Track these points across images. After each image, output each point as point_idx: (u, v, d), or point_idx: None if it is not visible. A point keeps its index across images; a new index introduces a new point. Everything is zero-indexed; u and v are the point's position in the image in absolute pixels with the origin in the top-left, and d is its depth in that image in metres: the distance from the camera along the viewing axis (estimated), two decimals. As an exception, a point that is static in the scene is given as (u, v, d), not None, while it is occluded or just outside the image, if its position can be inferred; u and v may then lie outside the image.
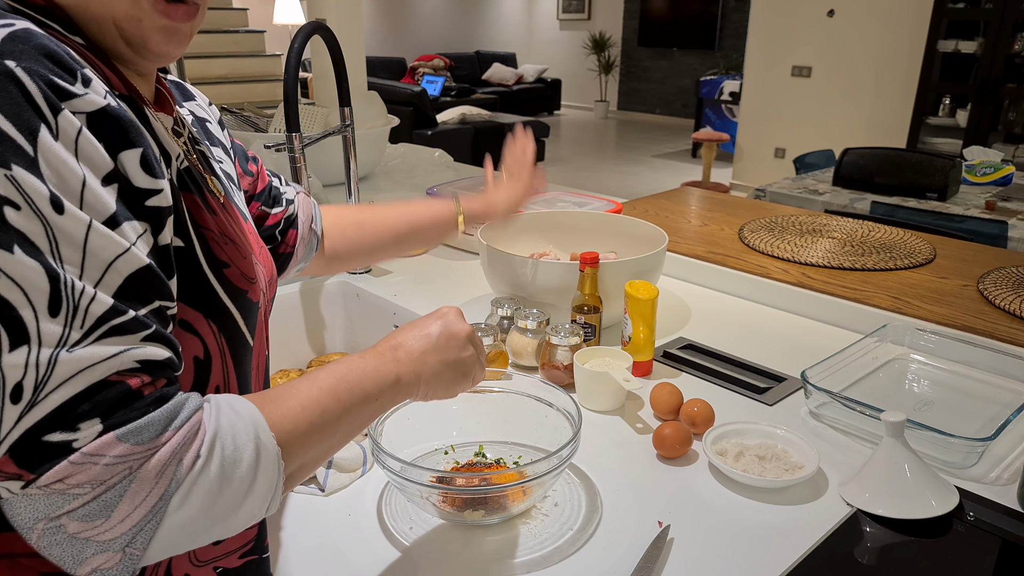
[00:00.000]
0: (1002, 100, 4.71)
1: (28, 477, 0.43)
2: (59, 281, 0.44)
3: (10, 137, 0.43)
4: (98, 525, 0.45)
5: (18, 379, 0.43)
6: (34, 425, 0.43)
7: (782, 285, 1.39)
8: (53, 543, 0.45)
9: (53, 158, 0.45)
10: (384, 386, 0.64)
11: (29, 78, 0.44)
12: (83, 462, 0.44)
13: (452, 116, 6.76)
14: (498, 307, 1.17)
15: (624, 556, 0.75)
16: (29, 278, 0.43)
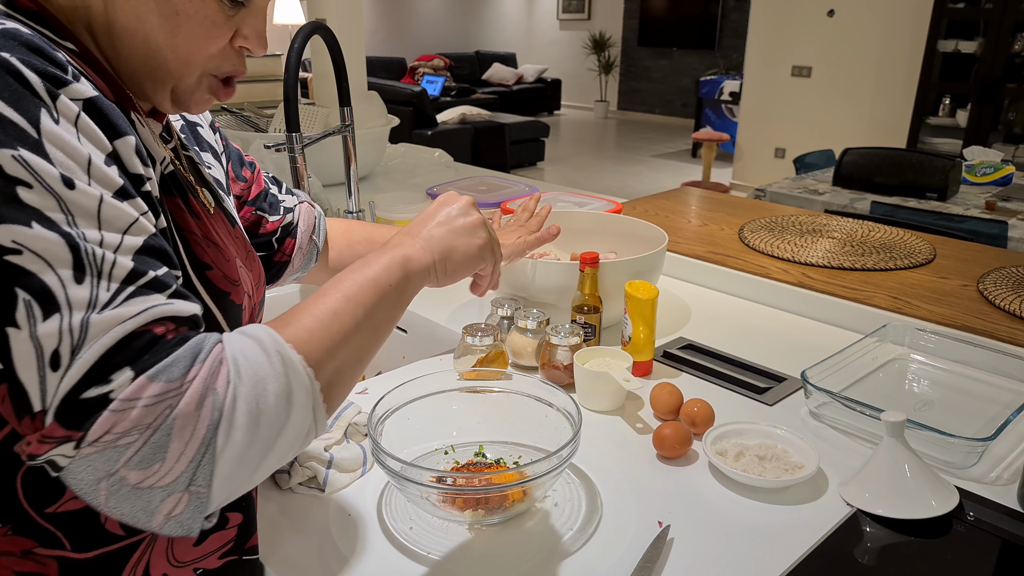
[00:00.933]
0: (1002, 100, 4.71)
1: (76, 435, 0.45)
2: (79, 250, 0.46)
3: (13, 122, 0.45)
4: (156, 469, 0.46)
5: (55, 346, 0.44)
6: (73, 386, 0.45)
7: (782, 285, 1.39)
8: (120, 499, 0.46)
9: (57, 139, 0.47)
10: (393, 268, 0.64)
11: (25, 67, 0.47)
12: (122, 408, 0.45)
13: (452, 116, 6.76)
14: (498, 307, 1.17)
15: (624, 556, 0.75)
16: (51, 250, 0.45)
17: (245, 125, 2.27)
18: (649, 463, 0.90)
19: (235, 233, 0.73)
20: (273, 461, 0.52)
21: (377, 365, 1.48)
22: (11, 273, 0.44)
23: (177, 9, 0.56)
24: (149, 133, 0.60)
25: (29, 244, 0.44)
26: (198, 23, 0.57)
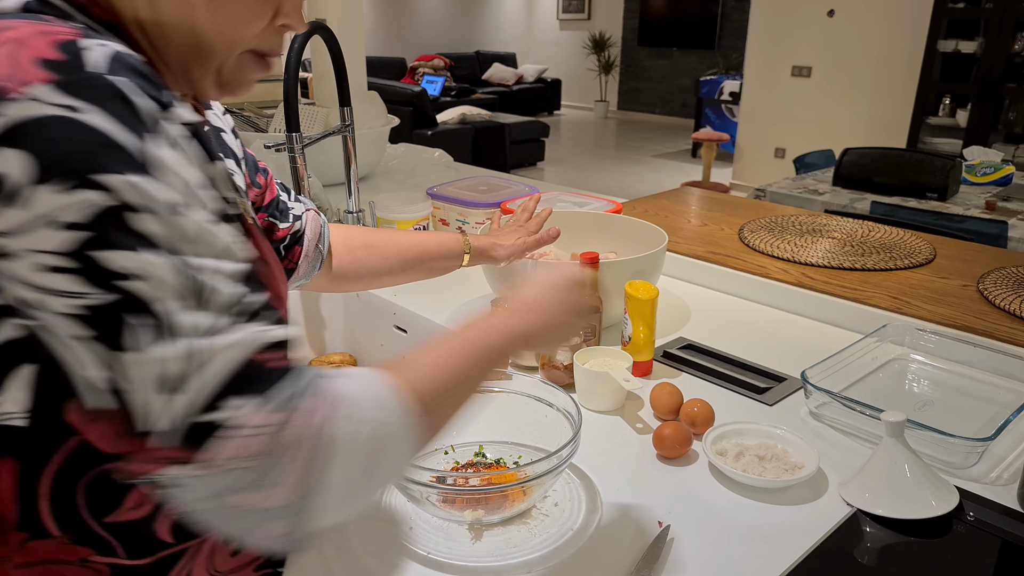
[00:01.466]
0: (1002, 100, 4.71)
1: (186, 457, 0.46)
2: (187, 276, 0.47)
3: (125, 148, 0.45)
4: (259, 495, 0.47)
5: (163, 371, 0.45)
6: (186, 410, 0.46)
7: (782, 285, 1.39)
8: (223, 519, 0.48)
9: (163, 165, 0.47)
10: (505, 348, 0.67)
11: (134, 94, 0.47)
12: (233, 436, 0.46)
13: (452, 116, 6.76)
14: (498, 307, 1.17)
15: (624, 556, 0.75)
16: (160, 276, 0.46)
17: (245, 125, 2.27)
18: (649, 463, 0.90)
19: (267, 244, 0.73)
20: (370, 494, 0.53)
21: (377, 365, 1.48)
22: (130, 299, 0.45)
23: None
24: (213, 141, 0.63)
25: (146, 270, 0.45)
26: (240, 3, 0.58)
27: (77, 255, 0.44)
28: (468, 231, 1.63)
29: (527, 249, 1.15)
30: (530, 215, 1.22)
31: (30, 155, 0.43)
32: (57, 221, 0.44)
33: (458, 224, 1.64)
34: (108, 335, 0.45)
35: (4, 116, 0.43)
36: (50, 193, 0.43)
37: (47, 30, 0.47)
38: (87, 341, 0.45)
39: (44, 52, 0.45)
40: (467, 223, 1.63)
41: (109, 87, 0.46)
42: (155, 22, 0.57)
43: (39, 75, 0.44)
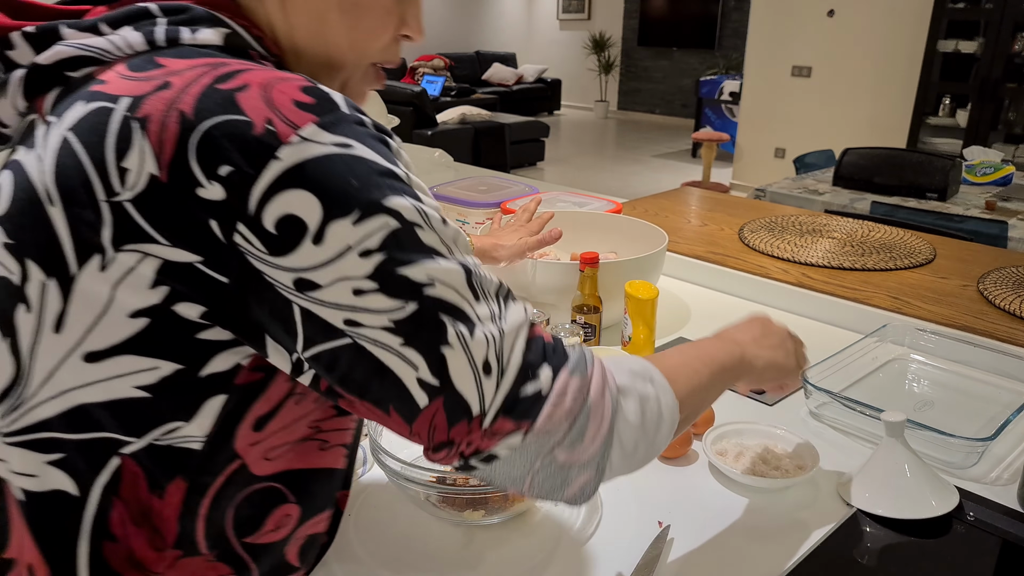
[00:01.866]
0: (1002, 100, 4.71)
1: (525, 426, 0.52)
2: (471, 274, 0.52)
3: (393, 173, 0.50)
4: (578, 450, 0.54)
5: (484, 356, 0.51)
6: (512, 386, 0.52)
7: (782, 285, 1.39)
8: (547, 477, 0.54)
9: (416, 183, 0.53)
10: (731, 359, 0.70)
11: (373, 126, 0.52)
12: (558, 401, 0.53)
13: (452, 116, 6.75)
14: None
15: (624, 556, 0.75)
16: (454, 278, 0.51)
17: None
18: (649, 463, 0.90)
19: None
20: (647, 454, 0.59)
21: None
22: (434, 303, 0.50)
23: (356, 2, 0.59)
24: None
25: (439, 276, 0.50)
26: (375, 14, 0.60)
27: (380, 276, 0.48)
28: (468, 231, 1.64)
29: (528, 249, 1.15)
30: (531, 216, 1.22)
31: (317, 193, 0.47)
32: (356, 250, 0.47)
33: (458, 224, 1.65)
34: (430, 336, 0.50)
35: (283, 159, 0.46)
36: (344, 226, 0.47)
37: (279, 76, 0.50)
38: (412, 345, 0.49)
39: (297, 96, 0.49)
40: (467, 223, 1.63)
41: (360, 123, 0.51)
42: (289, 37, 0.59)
43: (303, 117, 0.48)
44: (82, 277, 0.48)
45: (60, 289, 0.49)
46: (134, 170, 0.47)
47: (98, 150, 0.47)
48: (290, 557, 0.62)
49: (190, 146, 0.46)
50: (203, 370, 0.51)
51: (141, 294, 0.48)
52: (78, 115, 0.49)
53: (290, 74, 0.51)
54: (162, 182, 0.46)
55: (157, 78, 0.49)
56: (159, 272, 0.47)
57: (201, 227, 0.46)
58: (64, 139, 0.49)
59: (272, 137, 0.46)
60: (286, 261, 0.47)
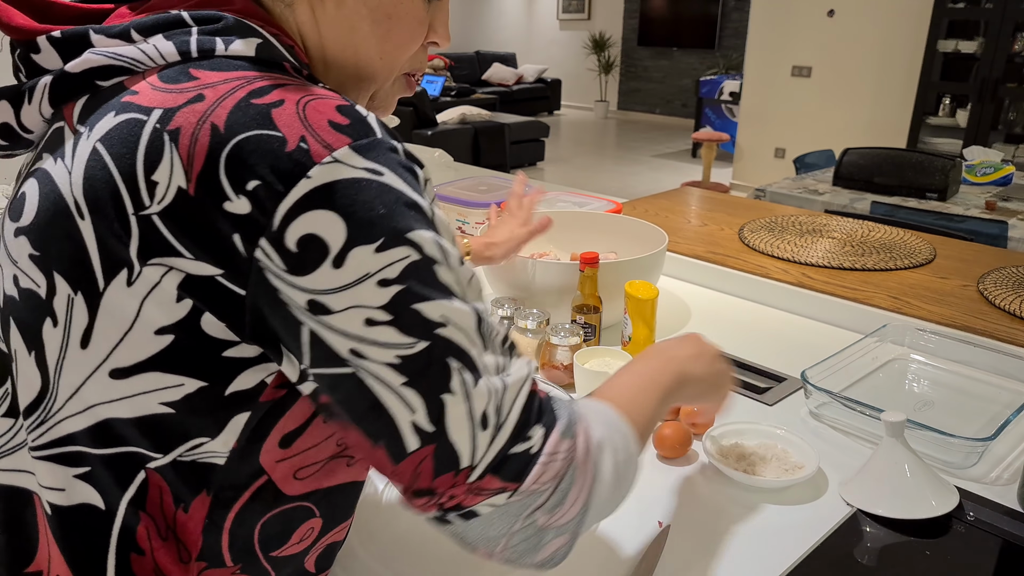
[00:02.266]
0: (1002, 100, 4.71)
1: (513, 486, 0.50)
2: (481, 319, 0.51)
3: (418, 205, 0.49)
4: (558, 513, 0.52)
5: (483, 409, 0.49)
6: (505, 443, 0.50)
7: (782, 285, 1.39)
8: (523, 539, 0.52)
9: (440, 220, 0.51)
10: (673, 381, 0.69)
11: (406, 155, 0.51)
12: (548, 462, 0.51)
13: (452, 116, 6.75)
14: (498, 307, 1.17)
15: (624, 556, 0.75)
16: (466, 322, 0.49)
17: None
18: (649, 463, 0.90)
19: None
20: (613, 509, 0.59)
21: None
22: (444, 345, 0.48)
23: (389, 13, 0.58)
24: None
25: (453, 317, 0.49)
26: (407, 24, 0.59)
27: (394, 308, 0.47)
28: (468, 231, 1.63)
29: (520, 242, 1.14)
30: (519, 201, 1.20)
31: (343, 216, 0.46)
32: (374, 278, 0.46)
33: (458, 224, 1.64)
34: (433, 380, 0.48)
35: (314, 179, 0.45)
36: (366, 252, 0.46)
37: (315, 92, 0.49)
38: (414, 387, 0.48)
39: (332, 116, 0.48)
40: (467, 223, 1.63)
41: (393, 150, 0.49)
42: (319, 47, 0.58)
43: (338, 139, 0.47)
44: (109, 292, 0.48)
45: (87, 304, 0.49)
46: (163, 183, 0.46)
47: (128, 163, 0.47)
48: (308, 565, 0.62)
49: (221, 159, 0.46)
50: (228, 388, 0.50)
51: (167, 309, 0.47)
52: (108, 126, 0.48)
53: (326, 91, 0.50)
54: (190, 195, 0.46)
55: (191, 90, 0.48)
56: (181, 286, 0.47)
57: (225, 240, 0.46)
58: (94, 150, 0.48)
59: (305, 155, 0.46)
60: (303, 281, 0.46)
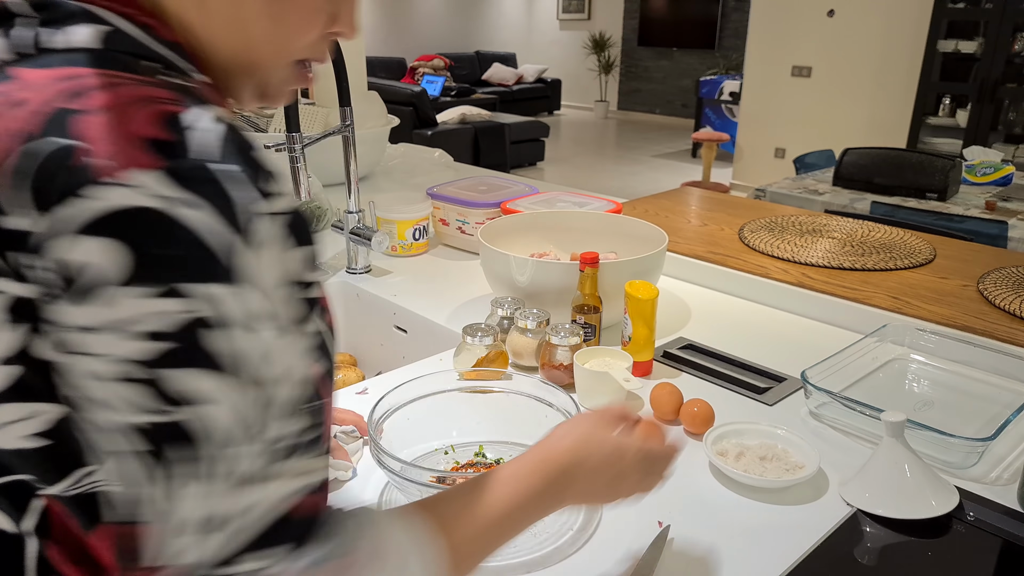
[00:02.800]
0: (1002, 100, 4.71)
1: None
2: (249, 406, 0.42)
3: (215, 254, 0.41)
4: None
5: (207, 508, 0.41)
6: (216, 554, 0.42)
7: (782, 285, 1.39)
8: None
9: (247, 273, 0.42)
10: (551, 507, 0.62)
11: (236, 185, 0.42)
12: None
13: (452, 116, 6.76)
14: (498, 307, 1.17)
15: (624, 556, 0.75)
16: (224, 402, 0.41)
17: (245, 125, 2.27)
18: (649, 463, 0.90)
19: None
20: None
21: (377, 365, 1.48)
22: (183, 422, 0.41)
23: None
24: None
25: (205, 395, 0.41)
26: (301, 10, 0.54)
27: (151, 366, 0.40)
28: (468, 231, 1.64)
29: None
30: None
31: (126, 249, 0.39)
32: (141, 328, 0.40)
33: (458, 224, 1.64)
34: (162, 458, 0.41)
35: (103, 200, 0.39)
36: (139, 296, 0.39)
37: (146, 95, 0.43)
38: (139, 458, 0.41)
39: (148, 130, 0.41)
40: (467, 223, 1.63)
41: (214, 181, 0.41)
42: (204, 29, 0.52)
43: (145, 160, 0.40)
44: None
45: None
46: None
47: None
48: None
49: (4, 170, 0.41)
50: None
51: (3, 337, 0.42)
52: None
53: (162, 94, 0.44)
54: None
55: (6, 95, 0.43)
56: (10, 309, 0.42)
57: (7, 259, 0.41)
58: None
59: (87, 172, 0.39)
60: (61, 313, 0.40)
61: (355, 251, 1.53)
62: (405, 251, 1.64)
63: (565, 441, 0.64)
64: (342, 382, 1.31)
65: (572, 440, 0.64)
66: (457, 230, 1.66)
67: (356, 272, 1.54)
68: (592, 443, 0.65)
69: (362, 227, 1.49)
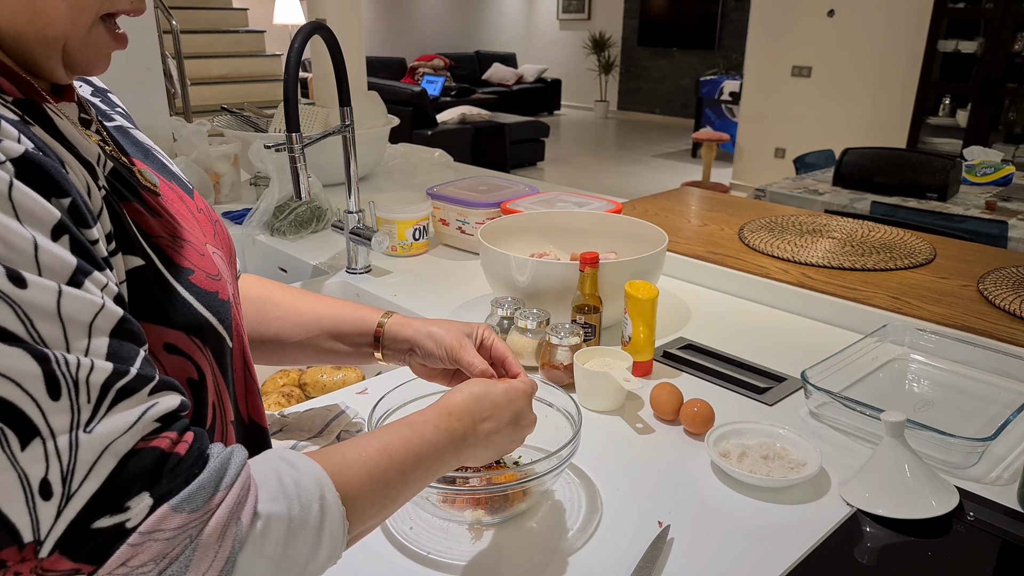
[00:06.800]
0: (1002, 100, 4.71)
1: (87, 569, 0.41)
2: (49, 361, 0.40)
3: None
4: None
5: (42, 475, 0.40)
6: (78, 516, 0.40)
7: (782, 285, 1.39)
8: None
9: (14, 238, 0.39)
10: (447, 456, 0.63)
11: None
12: (143, 541, 0.41)
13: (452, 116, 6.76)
14: (498, 307, 1.17)
15: (624, 556, 0.75)
16: (15, 366, 0.39)
17: (245, 125, 2.27)
18: (649, 463, 0.90)
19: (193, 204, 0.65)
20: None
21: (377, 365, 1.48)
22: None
23: None
24: (69, 124, 0.51)
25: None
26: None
27: None
28: (468, 231, 1.63)
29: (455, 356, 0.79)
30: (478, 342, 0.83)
31: None
32: None
33: (458, 224, 1.64)
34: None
35: None
36: None
37: None
38: None
39: None
40: (467, 223, 1.63)
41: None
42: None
43: None
44: None
45: None
46: None
47: None
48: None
49: None
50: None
51: None
52: None
53: None
54: None
55: None
56: None
57: None
58: None
59: None
60: None
61: (355, 251, 1.53)
62: (405, 251, 1.64)
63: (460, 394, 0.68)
64: (342, 382, 1.31)
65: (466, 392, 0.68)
66: (457, 230, 1.66)
67: (356, 272, 1.54)
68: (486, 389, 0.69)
69: (362, 227, 1.49)
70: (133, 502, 0.41)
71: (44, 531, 0.40)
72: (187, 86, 4.24)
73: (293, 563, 0.47)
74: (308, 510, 0.48)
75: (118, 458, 0.41)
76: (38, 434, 0.39)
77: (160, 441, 0.43)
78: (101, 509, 0.41)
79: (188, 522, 0.43)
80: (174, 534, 0.42)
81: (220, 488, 0.45)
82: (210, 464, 0.45)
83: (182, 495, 0.43)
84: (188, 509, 0.43)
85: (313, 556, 0.49)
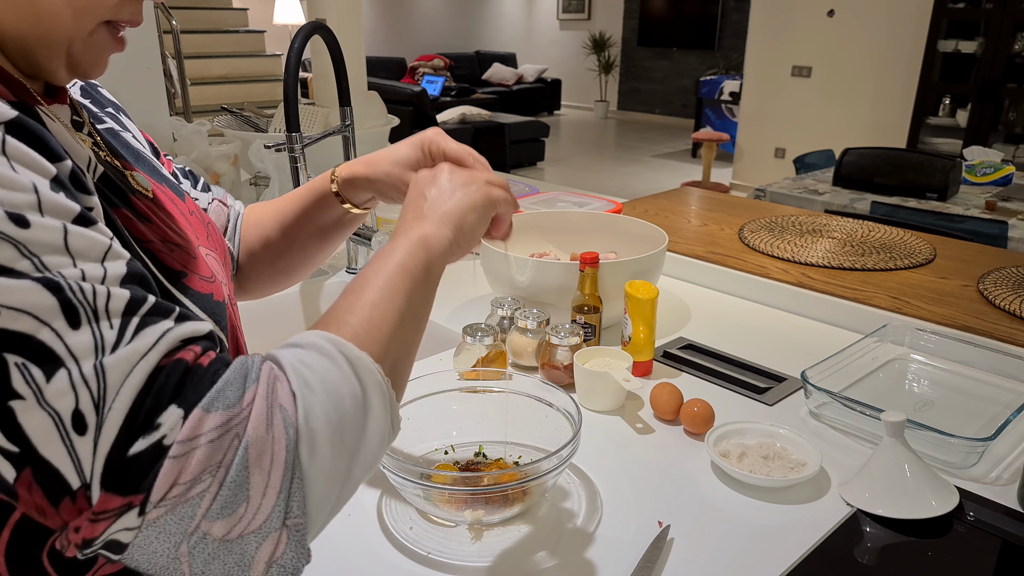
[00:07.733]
0: (1002, 100, 4.71)
1: (138, 499, 0.39)
2: (63, 290, 0.39)
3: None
4: (243, 513, 0.40)
5: (73, 406, 0.38)
6: (113, 445, 0.39)
7: (782, 285, 1.39)
8: (208, 560, 0.40)
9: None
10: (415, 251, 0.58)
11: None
12: (185, 452, 0.39)
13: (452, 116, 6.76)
14: (498, 307, 1.17)
15: (624, 556, 0.75)
16: (29, 299, 0.38)
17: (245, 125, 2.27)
18: (649, 463, 0.90)
19: (184, 207, 0.65)
20: (359, 473, 0.47)
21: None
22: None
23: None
24: (61, 127, 0.51)
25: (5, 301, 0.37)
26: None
27: None
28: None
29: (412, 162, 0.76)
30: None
31: None
32: None
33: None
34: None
35: None
36: None
37: None
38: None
39: None
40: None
41: None
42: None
43: None
44: None
45: None
46: None
47: None
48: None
49: None
50: None
51: None
52: None
53: None
54: None
55: None
56: None
57: None
58: None
59: None
60: None
61: (355, 251, 1.53)
62: (405, 251, 1.64)
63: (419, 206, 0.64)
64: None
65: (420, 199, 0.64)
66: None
67: (356, 272, 1.54)
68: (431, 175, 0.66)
69: (362, 227, 1.49)
70: (163, 417, 0.40)
71: (88, 470, 0.38)
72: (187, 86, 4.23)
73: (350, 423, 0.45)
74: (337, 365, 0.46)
75: (145, 377, 0.40)
76: (62, 364, 0.38)
77: (185, 354, 0.42)
78: (135, 432, 0.39)
79: (226, 420, 0.41)
80: (217, 434, 0.40)
81: (248, 383, 0.43)
82: (232, 366, 0.44)
83: (211, 394, 0.41)
84: (221, 407, 0.41)
85: (366, 407, 0.47)
